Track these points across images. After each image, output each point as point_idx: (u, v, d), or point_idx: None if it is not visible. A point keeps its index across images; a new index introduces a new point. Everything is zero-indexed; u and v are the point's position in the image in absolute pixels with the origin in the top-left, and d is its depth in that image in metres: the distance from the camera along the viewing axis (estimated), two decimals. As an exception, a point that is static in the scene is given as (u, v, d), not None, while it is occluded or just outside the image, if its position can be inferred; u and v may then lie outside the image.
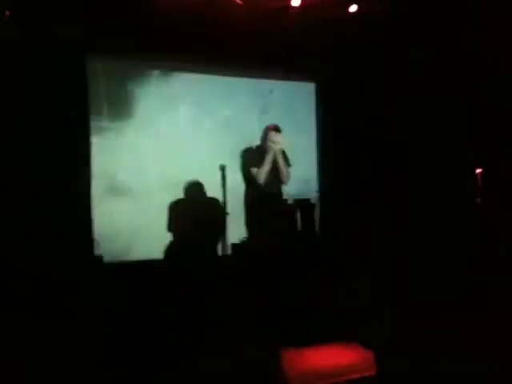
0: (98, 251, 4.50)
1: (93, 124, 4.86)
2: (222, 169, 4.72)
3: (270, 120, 5.03)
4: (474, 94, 4.46)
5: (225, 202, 4.61)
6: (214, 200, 4.84)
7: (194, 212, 4.72)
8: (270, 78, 5.69)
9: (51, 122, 4.42)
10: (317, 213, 5.01)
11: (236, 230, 4.71)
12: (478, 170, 4.23)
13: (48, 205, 4.20)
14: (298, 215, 4.62)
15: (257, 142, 4.81)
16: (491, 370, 2.85)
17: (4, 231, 3.94)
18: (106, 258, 4.38)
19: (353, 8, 5.02)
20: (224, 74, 5.47)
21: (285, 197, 4.78)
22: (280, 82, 5.75)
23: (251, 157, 4.69)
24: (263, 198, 4.60)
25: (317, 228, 5.05)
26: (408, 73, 5.07)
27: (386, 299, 3.72)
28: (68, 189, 4.42)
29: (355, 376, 3.19)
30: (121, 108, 5.05)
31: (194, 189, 4.82)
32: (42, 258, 3.81)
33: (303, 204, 4.58)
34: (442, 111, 4.79)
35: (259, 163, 4.59)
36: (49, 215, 4.16)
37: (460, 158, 4.57)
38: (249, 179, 4.65)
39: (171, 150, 5.15)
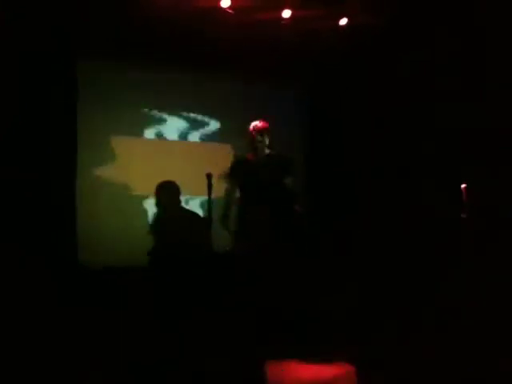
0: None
1: (80, 130, 4.86)
2: (208, 177, 4.67)
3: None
4: (460, 107, 4.51)
5: (210, 210, 4.54)
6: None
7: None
8: (259, 87, 5.75)
9: (39, 124, 4.40)
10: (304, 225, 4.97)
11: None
12: (463, 185, 4.24)
13: (32, 209, 4.16)
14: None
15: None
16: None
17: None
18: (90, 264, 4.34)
19: (343, 21, 5.07)
20: (213, 83, 5.51)
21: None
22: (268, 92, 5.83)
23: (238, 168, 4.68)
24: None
25: (304, 239, 5.02)
26: (395, 85, 5.12)
27: (372, 314, 3.69)
28: (53, 195, 4.39)
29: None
30: (109, 114, 5.05)
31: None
32: (27, 262, 3.75)
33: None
34: (430, 125, 4.83)
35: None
36: (33, 219, 4.12)
37: (446, 172, 4.59)
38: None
39: (158, 157, 5.17)
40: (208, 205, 4.64)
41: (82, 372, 2.80)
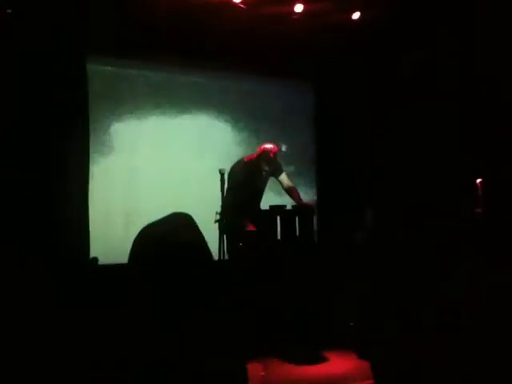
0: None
1: (92, 130, 4.96)
2: (221, 173, 4.69)
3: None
4: (471, 102, 4.44)
5: (222, 206, 4.57)
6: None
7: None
8: (270, 82, 5.76)
9: (49, 123, 4.47)
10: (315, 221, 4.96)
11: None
12: (478, 180, 4.17)
13: (43, 205, 4.24)
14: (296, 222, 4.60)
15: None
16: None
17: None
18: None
19: (356, 15, 5.02)
20: (224, 78, 5.54)
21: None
22: (279, 88, 5.85)
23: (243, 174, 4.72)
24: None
25: (315, 235, 5.01)
26: (407, 80, 5.05)
27: (384, 308, 3.68)
28: (65, 190, 4.48)
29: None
30: (119, 111, 5.12)
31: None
32: (37, 259, 3.82)
33: (302, 210, 4.56)
34: (441, 119, 4.77)
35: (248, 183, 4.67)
36: (43, 216, 4.20)
37: (459, 167, 4.53)
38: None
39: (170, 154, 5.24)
40: (221, 200, 4.69)
41: (83, 371, 2.86)
